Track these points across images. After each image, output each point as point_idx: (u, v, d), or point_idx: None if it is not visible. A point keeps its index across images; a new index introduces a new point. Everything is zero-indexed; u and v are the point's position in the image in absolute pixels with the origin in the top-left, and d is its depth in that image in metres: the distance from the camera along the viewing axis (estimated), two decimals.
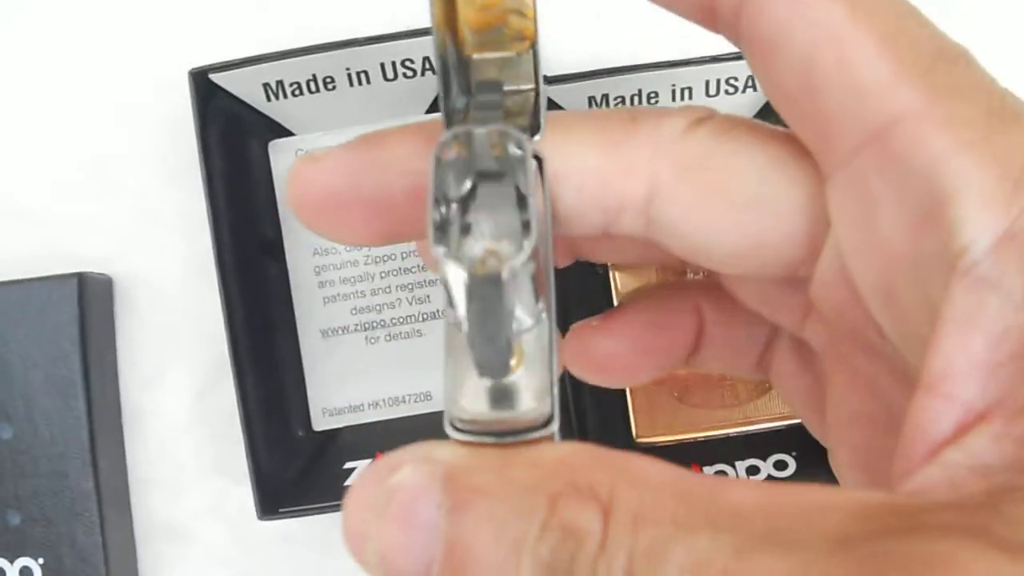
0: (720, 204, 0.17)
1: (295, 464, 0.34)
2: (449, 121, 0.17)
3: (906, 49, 0.15)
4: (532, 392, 0.15)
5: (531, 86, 0.17)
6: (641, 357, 0.23)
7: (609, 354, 0.22)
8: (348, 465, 0.34)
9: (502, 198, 0.16)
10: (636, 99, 0.35)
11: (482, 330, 0.14)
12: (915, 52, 0.15)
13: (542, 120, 0.17)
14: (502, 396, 0.15)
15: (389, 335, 0.35)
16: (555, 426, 0.15)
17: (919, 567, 0.11)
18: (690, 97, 0.35)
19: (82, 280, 0.35)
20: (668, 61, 0.33)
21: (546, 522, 0.13)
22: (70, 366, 0.34)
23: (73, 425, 0.34)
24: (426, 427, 0.26)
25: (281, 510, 0.33)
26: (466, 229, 0.16)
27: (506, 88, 0.17)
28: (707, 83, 0.34)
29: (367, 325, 0.35)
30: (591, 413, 0.34)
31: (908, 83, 0.15)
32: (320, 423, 0.36)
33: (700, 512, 0.13)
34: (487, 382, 0.15)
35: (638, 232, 0.18)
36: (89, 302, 0.35)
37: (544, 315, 0.16)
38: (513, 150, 0.15)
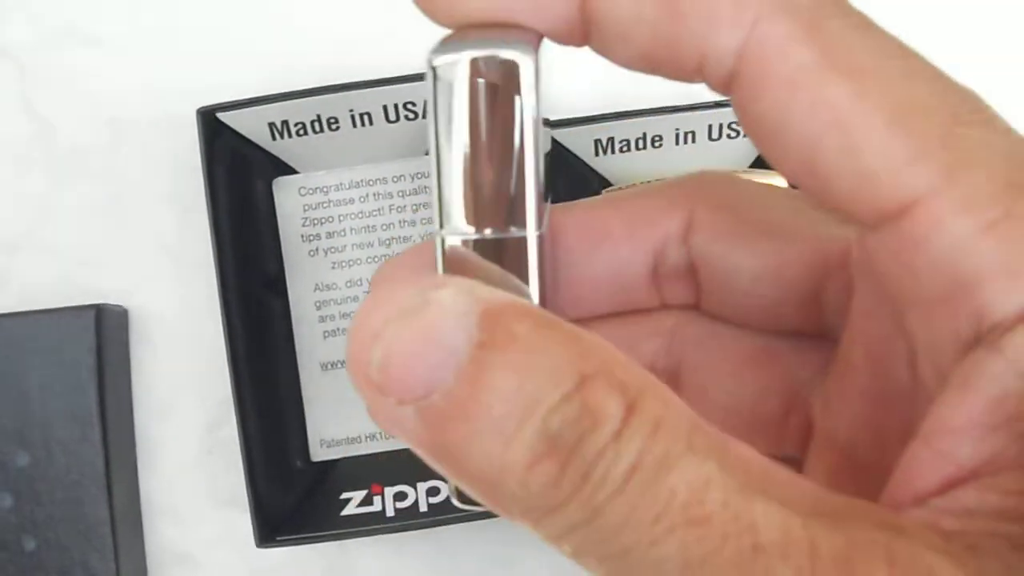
0: (747, 230, 0.19)
1: (293, 494, 0.34)
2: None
3: (918, 122, 0.14)
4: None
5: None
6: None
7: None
8: (344, 496, 0.34)
9: None
10: (641, 142, 0.35)
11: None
12: (927, 123, 0.14)
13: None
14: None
15: None
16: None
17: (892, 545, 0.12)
18: (693, 141, 0.35)
19: (99, 312, 0.36)
20: (672, 106, 0.34)
21: (569, 395, 0.13)
22: (87, 395, 0.35)
23: (89, 453, 0.35)
24: (421, 460, 0.27)
25: (279, 538, 0.33)
26: None
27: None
28: (710, 127, 0.35)
29: None
30: None
31: (923, 163, 0.14)
32: (318, 454, 0.36)
33: (712, 447, 0.13)
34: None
35: (681, 263, 0.19)
36: (106, 333, 0.36)
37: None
38: None
